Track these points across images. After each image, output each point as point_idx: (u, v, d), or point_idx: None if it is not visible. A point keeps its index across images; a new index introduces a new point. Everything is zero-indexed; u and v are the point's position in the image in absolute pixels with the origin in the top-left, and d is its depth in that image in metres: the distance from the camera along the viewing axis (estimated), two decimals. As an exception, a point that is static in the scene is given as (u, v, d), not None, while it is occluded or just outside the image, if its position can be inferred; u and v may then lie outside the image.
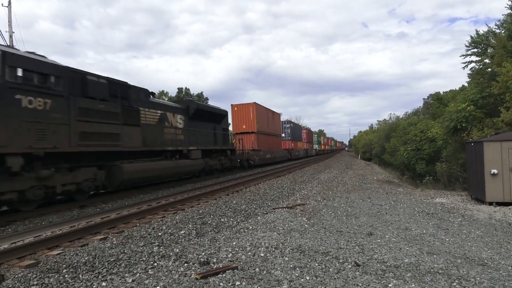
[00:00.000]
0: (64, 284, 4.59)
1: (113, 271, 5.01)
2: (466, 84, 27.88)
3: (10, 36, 22.93)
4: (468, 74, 26.65)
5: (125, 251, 5.93)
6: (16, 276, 4.88)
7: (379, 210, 10.10)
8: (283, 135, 44.75)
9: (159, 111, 15.88)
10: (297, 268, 4.89)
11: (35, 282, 4.61)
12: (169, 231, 7.35)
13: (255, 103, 29.40)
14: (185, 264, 5.20)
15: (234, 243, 6.29)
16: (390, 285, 4.34)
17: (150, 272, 4.96)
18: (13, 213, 9.89)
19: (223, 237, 6.86)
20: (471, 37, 24.15)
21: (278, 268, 4.88)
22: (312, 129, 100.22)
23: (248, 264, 5.08)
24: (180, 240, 6.71)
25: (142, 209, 10.00)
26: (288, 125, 46.12)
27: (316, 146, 72.61)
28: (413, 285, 4.39)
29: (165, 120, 16.37)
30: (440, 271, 4.98)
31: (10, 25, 22.99)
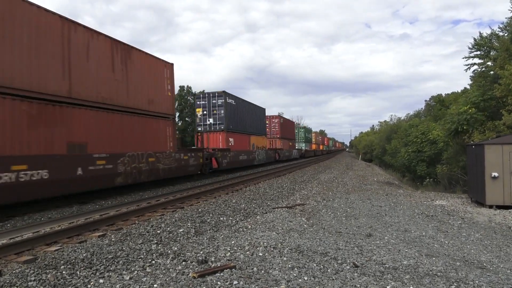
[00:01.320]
0: (62, 280, 4.58)
1: (111, 268, 5.01)
2: (468, 87, 27.84)
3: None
4: (470, 76, 26.58)
5: (123, 248, 5.92)
6: (14, 271, 4.87)
7: (378, 211, 10.07)
8: (204, 120, 25.00)
9: None
10: (295, 268, 4.87)
11: (33, 278, 4.60)
12: (168, 229, 7.35)
13: None
14: (183, 263, 5.19)
15: (233, 242, 6.27)
16: (388, 287, 4.33)
17: (148, 270, 4.95)
18: (13, 209, 9.89)
19: (222, 236, 6.85)
20: (474, 40, 24.07)
21: (276, 268, 4.86)
22: (314, 129, 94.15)
23: (246, 263, 5.07)
24: (178, 238, 6.70)
25: (141, 207, 10.01)
26: (220, 101, 24.65)
27: (303, 145, 56.61)
28: (411, 287, 4.37)
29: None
30: (438, 273, 4.97)
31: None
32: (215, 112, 24.80)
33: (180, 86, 68.07)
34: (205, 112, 25.09)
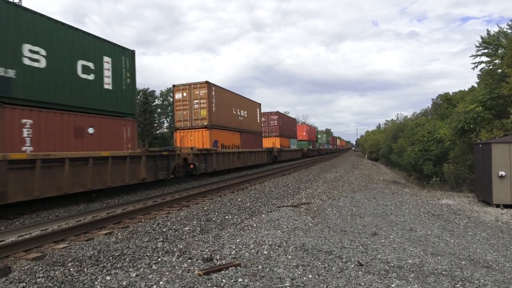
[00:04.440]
0: (69, 277, 4.65)
1: (118, 266, 5.07)
2: (476, 85, 27.60)
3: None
4: (478, 74, 26.34)
5: (130, 246, 5.99)
6: (23, 268, 4.96)
7: (384, 210, 10.05)
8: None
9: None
10: (300, 267, 4.90)
11: (41, 275, 4.68)
12: (174, 227, 7.41)
13: None
14: (189, 260, 5.24)
15: (238, 240, 6.31)
16: (392, 286, 4.33)
17: (154, 267, 5.01)
18: (21, 207, 10.03)
19: (227, 234, 6.89)
20: (482, 38, 23.86)
21: (281, 266, 4.89)
22: (320, 128, 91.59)
23: (251, 261, 5.10)
24: (184, 236, 6.76)
25: (147, 205, 10.09)
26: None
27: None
28: (416, 286, 4.37)
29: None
30: (444, 272, 4.96)
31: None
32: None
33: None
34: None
